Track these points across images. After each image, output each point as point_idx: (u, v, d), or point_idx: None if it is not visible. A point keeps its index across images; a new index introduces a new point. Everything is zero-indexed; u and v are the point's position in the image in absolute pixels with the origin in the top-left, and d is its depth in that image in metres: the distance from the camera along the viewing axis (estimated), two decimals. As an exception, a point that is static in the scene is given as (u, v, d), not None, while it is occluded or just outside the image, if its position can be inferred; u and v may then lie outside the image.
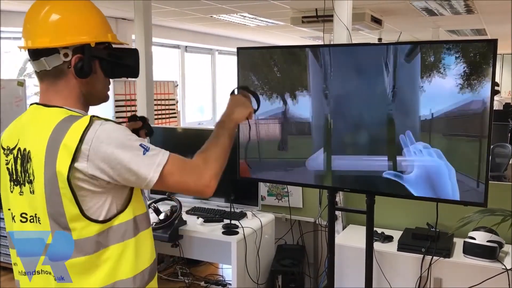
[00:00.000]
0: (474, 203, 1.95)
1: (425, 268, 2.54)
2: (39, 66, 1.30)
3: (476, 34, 8.37)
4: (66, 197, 1.21)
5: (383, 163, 2.08)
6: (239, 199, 3.09)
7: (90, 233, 1.24)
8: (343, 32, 3.18)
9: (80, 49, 1.28)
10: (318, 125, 2.21)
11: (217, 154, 1.36)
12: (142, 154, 1.23)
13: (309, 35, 8.48)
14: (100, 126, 1.22)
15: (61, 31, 1.27)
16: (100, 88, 1.37)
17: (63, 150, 1.20)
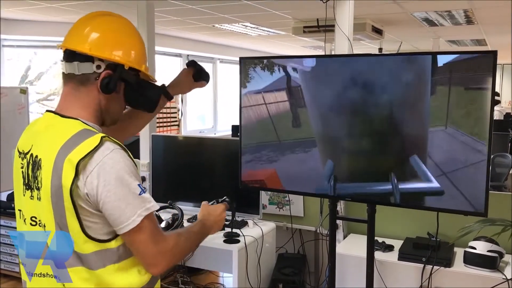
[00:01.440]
0: (475, 212, 1.97)
1: (425, 278, 2.54)
2: (69, 68, 1.32)
3: (476, 44, 8.41)
4: (69, 211, 1.23)
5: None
6: (240, 208, 3.10)
7: (88, 249, 1.25)
8: (344, 42, 3.21)
9: (112, 66, 1.32)
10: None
11: (185, 248, 1.39)
12: (138, 194, 1.24)
13: (311, 45, 8.52)
14: (110, 152, 1.23)
15: (103, 44, 1.32)
16: (117, 109, 1.40)
17: (67, 164, 1.21)
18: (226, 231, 2.97)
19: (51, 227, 1.27)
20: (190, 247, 1.42)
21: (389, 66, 2.10)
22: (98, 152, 1.21)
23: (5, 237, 3.87)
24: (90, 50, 1.29)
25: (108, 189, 1.21)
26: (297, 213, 3.31)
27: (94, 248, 1.25)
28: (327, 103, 2.24)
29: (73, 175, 1.20)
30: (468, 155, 1.95)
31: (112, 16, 1.41)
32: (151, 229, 1.26)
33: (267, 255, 3.12)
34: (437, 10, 5.25)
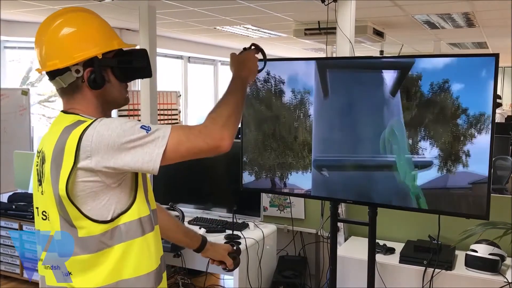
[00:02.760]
0: (476, 215, 1.96)
1: (426, 281, 2.54)
2: (57, 85, 1.36)
3: (478, 47, 8.42)
4: (66, 200, 1.25)
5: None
6: (241, 210, 3.10)
7: (94, 232, 1.27)
8: (346, 44, 3.21)
9: (89, 63, 1.33)
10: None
11: (226, 111, 1.35)
12: (146, 133, 1.24)
13: (312, 47, 8.54)
14: (99, 122, 1.26)
15: (68, 50, 1.32)
16: (117, 94, 1.40)
17: (67, 154, 1.24)
18: (227, 233, 2.97)
19: (54, 218, 1.30)
20: (235, 106, 1.38)
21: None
22: (89, 128, 1.24)
23: (6, 238, 3.87)
24: (61, 63, 1.31)
25: (117, 146, 1.22)
26: (298, 216, 3.31)
27: (101, 230, 1.27)
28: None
29: (71, 163, 1.23)
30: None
31: (56, 18, 1.37)
32: (183, 135, 1.27)
33: (268, 258, 3.12)
34: (438, 12, 5.26)
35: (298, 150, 2.31)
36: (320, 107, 2.25)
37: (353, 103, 2.19)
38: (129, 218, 1.30)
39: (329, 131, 2.26)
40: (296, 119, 2.30)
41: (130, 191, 1.32)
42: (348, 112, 2.19)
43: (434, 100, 1.99)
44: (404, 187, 2.08)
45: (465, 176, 1.96)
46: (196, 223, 3.19)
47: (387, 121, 2.10)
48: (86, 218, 1.26)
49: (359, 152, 2.18)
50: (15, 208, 3.84)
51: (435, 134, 2.00)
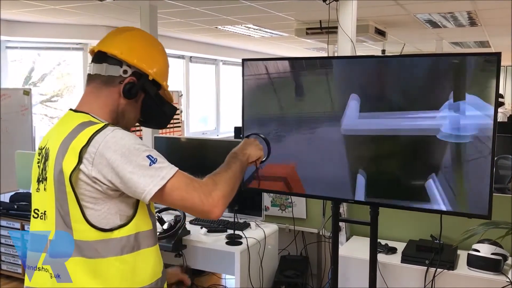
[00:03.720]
0: (478, 215, 1.95)
1: (428, 280, 2.53)
2: (96, 69, 1.39)
3: (480, 46, 8.39)
4: (71, 197, 1.25)
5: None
6: (242, 210, 3.09)
7: (89, 237, 1.26)
8: (347, 43, 3.20)
9: (137, 75, 1.38)
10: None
11: (227, 178, 1.38)
12: (148, 166, 1.25)
13: (313, 47, 8.53)
14: (111, 132, 1.26)
15: (134, 52, 1.40)
16: (132, 117, 1.43)
17: (71, 151, 1.25)
18: (228, 232, 2.97)
19: (51, 216, 1.30)
20: (235, 179, 1.41)
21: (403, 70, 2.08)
22: (100, 134, 1.25)
23: (7, 238, 3.87)
24: (121, 54, 1.37)
25: (116, 165, 1.23)
26: (299, 215, 3.30)
27: (96, 237, 1.26)
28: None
29: (75, 162, 1.23)
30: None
31: (146, 32, 1.52)
32: (182, 184, 1.28)
33: (270, 257, 3.11)
34: (440, 11, 5.25)
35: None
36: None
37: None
38: (126, 232, 1.29)
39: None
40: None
41: (132, 204, 1.31)
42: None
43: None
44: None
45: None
46: (197, 223, 3.19)
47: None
48: (85, 221, 1.25)
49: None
50: (17, 208, 3.84)
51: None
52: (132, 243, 1.30)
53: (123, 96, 1.37)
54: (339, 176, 2.21)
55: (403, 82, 2.07)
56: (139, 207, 1.32)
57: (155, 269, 1.37)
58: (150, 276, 1.35)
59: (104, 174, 1.23)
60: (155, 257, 1.38)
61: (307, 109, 2.26)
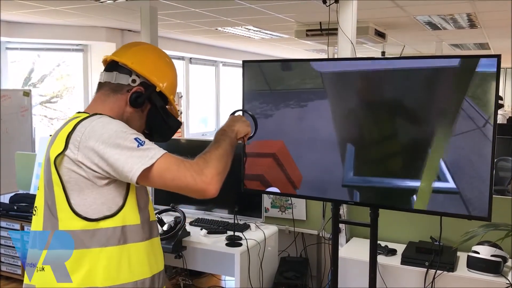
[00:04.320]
0: (478, 217, 1.95)
1: (428, 282, 2.53)
2: (107, 77, 1.43)
3: (479, 48, 8.41)
4: (57, 184, 1.26)
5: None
6: (242, 211, 3.10)
7: (74, 226, 1.26)
8: (347, 45, 3.21)
9: (145, 85, 1.42)
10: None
11: (217, 156, 1.37)
12: (135, 147, 1.26)
13: (313, 48, 8.54)
14: (98, 118, 1.30)
15: (144, 63, 1.44)
16: (136, 125, 1.44)
17: (58, 139, 1.28)
18: (228, 234, 2.97)
19: (40, 207, 1.32)
20: (224, 152, 1.40)
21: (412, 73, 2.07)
22: (86, 120, 1.29)
23: (7, 239, 3.87)
24: (131, 64, 1.41)
25: (102, 147, 1.24)
26: (299, 217, 3.30)
27: (81, 227, 1.26)
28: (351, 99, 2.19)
29: (61, 148, 1.26)
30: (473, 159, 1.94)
31: (158, 48, 1.57)
32: (173, 164, 1.28)
33: (270, 259, 3.11)
34: (440, 13, 5.25)
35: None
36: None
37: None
38: (113, 224, 1.28)
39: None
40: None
41: (120, 196, 1.30)
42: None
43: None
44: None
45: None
46: (197, 224, 3.19)
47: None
48: (70, 210, 1.26)
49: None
50: (16, 209, 3.84)
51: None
52: (118, 236, 1.29)
53: (130, 105, 1.40)
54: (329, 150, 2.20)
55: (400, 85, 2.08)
56: (128, 199, 1.32)
57: (142, 267, 1.35)
58: (136, 273, 1.33)
59: (91, 158, 1.24)
60: (144, 254, 1.35)
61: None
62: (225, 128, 1.54)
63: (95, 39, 6.50)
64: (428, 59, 2.05)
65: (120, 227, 1.29)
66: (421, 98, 2.02)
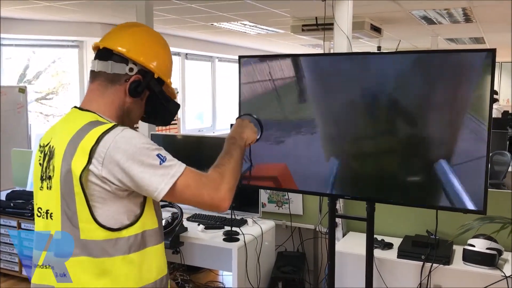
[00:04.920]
0: (474, 210, 1.97)
1: (425, 275, 2.55)
2: (101, 66, 1.37)
3: (475, 43, 8.42)
4: (79, 197, 1.25)
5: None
6: (239, 206, 3.10)
7: (97, 237, 1.26)
8: (343, 40, 3.21)
9: (143, 73, 1.38)
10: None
11: (231, 169, 1.40)
12: (158, 164, 1.27)
13: (309, 43, 8.53)
14: (121, 131, 1.26)
15: (140, 49, 1.39)
16: (136, 115, 1.44)
17: (80, 151, 1.24)
18: (225, 229, 2.98)
19: (56, 216, 1.29)
20: (236, 165, 1.43)
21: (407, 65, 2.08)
22: (109, 134, 1.25)
23: (5, 236, 3.87)
24: (128, 52, 1.36)
25: (127, 165, 1.24)
26: (296, 212, 3.31)
27: (104, 236, 1.26)
28: (338, 98, 2.20)
29: (85, 162, 1.23)
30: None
31: (150, 28, 1.50)
32: (192, 181, 1.30)
33: (267, 253, 3.13)
34: (435, 8, 5.26)
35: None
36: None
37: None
38: (134, 231, 1.30)
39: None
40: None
41: (139, 204, 1.32)
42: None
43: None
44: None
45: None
46: (194, 219, 3.19)
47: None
48: (93, 220, 1.25)
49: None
50: (13, 206, 3.84)
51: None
52: (139, 242, 1.31)
53: (129, 95, 1.37)
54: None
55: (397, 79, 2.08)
56: (146, 206, 1.33)
57: (160, 267, 1.38)
58: (156, 274, 1.36)
59: (115, 174, 1.24)
60: (161, 255, 1.39)
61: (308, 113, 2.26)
62: (235, 135, 1.55)
63: (91, 35, 6.46)
64: (422, 53, 2.05)
65: (140, 233, 1.31)
66: (417, 93, 2.03)
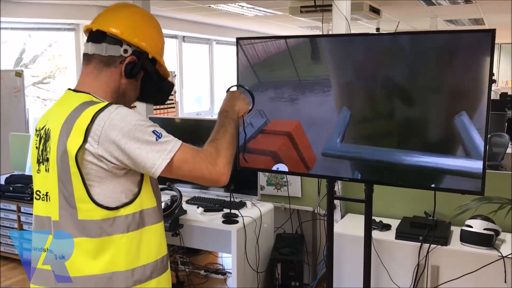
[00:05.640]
0: (472, 191, 1.98)
1: (422, 256, 2.57)
2: (95, 49, 1.36)
3: (474, 24, 8.37)
4: (76, 177, 1.25)
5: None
6: (238, 189, 3.11)
7: (95, 216, 1.27)
8: (342, 22, 3.19)
9: (137, 54, 1.38)
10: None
11: (227, 143, 1.41)
12: (154, 141, 1.27)
13: (308, 25, 8.47)
14: (115, 109, 1.26)
15: (134, 30, 1.38)
16: (132, 96, 1.45)
17: (75, 130, 1.24)
18: (224, 212, 2.99)
19: (54, 197, 1.29)
20: (231, 138, 1.45)
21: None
22: (104, 112, 1.25)
23: (5, 220, 3.88)
24: (122, 34, 1.35)
25: (123, 142, 1.24)
26: (294, 194, 3.33)
27: (102, 216, 1.27)
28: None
29: (80, 141, 1.23)
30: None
31: (142, 8, 1.49)
32: (189, 156, 1.31)
33: (266, 236, 3.15)
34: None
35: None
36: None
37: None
38: (132, 210, 1.30)
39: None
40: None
41: (137, 182, 1.32)
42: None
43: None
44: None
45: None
46: (194, 202, 3.21)
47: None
48: (90, 200, 1.25)
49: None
50: (12, 190, 3.85)
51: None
52: (137, 221, 1.32)
53: (125, 76, 1.37)
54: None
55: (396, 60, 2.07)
56: (143, 184, 1.33)
57: (160, 246, 1.39)
58: (155, 253, 1.37)
59: (111, 152, 1.24)
60: (160, 234, 1.40)
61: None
62: (227, 109, 1.54)
63: (87, 18, 6.37)
64: (420, 34, 2.03)
65: (138, 212, 1.32)
66: (420, 74, 2.02)
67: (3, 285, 3.53)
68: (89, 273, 1.28)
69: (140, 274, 1.32)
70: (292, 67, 2.26)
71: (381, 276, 2.69)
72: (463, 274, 2.48)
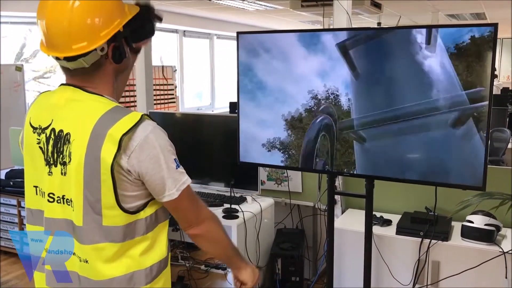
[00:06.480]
0: (473, 187, 1.97)
1: (423, 252, 2.57)
2: (75, 65, 1.27)
3: (476, 18, 8.34)
4: (106, 185, 1.23)
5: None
6: (238, 184, 3.10)
7: (120, 222, 1.27)
8: (343, 16, 3.17)
9: (112, 38, 1.27)
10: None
11: (225, 237, 1.49)
12: (175, 168, 1.30)
13: (308, 19, 8.44)
14: (152, 129, 1.26)
15: (94, 30, 1.23)
16: (125, 80, 1.45)
17: (109, 140, 1.21)
18: (225, 206, 2.98)
19: (78, 203, 1.27)
20: (223, 238, 1.49)
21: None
22: (140, 128, 1.24)
23: (5, 214, 3.88)
24: (90, 46, 1.23)
25: (152, 162, 1.25)
26: (295, 189, 3.32)
27: (126, 221, 1.27)
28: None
29: (115, 150, 1.21)
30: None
31: None
32: (190, 197, 1.37)
33: (266, 231, 3.15)
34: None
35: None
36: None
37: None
38: (149, 212, 1.32)
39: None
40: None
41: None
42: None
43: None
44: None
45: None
46: (194, 197, 3.20)
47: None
48: (118, 207, 1.25)
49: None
50: (12, 184, 3.85)
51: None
52: (154, 221, 1.34)
53: (117, 63, 1.30)
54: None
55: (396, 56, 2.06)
56: None
57: (167, 239, 1.42)
58: (166, 247, 1.39)
59: (136, 168, 1.24)
60: (167, 228, 1.42)
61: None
62: (242, 260, 1.58)
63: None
64: (421, 28, 2.02)
65: (154, 213, 1.34)
66: (421, 68, 2.01)
67: (3, 280, 3.53)
68: (111, 276, 1.29)
69: (156, 269, 1.35)
70: (291, 61, 2.26)
71: (382, 272, 2.69)
72: (463, 269, 2.47)
